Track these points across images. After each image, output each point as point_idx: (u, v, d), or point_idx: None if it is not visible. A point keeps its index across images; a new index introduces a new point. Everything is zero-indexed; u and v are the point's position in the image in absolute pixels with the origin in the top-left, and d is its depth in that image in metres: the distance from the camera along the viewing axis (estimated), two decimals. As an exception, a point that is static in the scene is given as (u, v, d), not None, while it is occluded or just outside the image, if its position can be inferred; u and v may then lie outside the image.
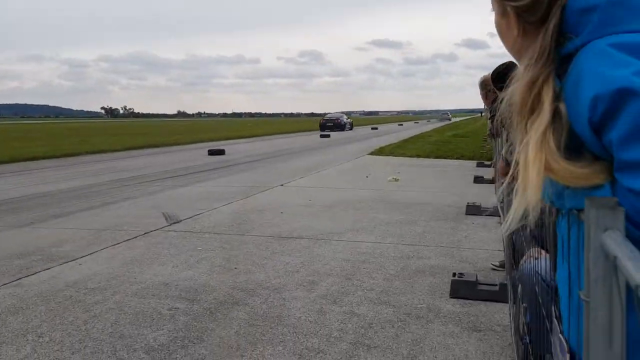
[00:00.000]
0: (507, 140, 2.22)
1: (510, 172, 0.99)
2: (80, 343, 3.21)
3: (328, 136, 32.47)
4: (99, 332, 3.36)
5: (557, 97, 0.90)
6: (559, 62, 0.92)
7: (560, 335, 1.00)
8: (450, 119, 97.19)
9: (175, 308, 3.77)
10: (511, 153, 1.73)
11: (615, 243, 0.60)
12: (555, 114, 0.89)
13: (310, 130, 45.00)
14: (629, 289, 0.65)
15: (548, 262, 2.49)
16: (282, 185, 10.21)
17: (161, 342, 3.21)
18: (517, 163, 0.97)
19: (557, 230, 1.11)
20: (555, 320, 1.10)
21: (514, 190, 0.98)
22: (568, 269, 0.96)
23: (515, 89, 0.96)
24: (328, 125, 42.53)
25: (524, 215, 0.97)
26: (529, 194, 0.91)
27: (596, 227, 0.65)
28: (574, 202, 0.85)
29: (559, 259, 1.09)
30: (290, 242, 5.69)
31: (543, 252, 2.64)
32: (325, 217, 6.97)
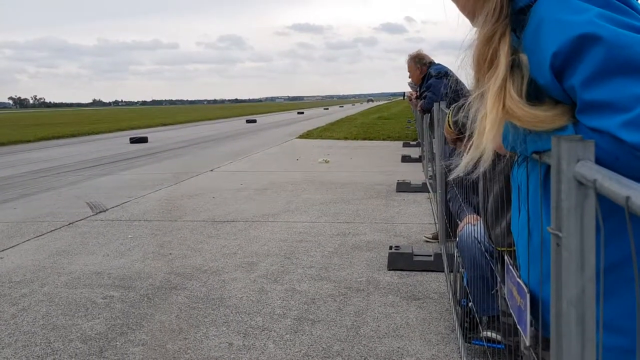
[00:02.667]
0: (455, 108, 2.27)
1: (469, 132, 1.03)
2: (10, 337, 3.02)
3: (254, 121, 32.20)
4: (29, 325, 3.18)
5: (514, 50, 0.94)
6: (514, 16, 0.96)
7: (518, 280, 1.05)
8: (373, 101, 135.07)
9: (110, 296, 3.63)
10: (467, 118, 1.78)
11: (592, 169, 0.63)
12: (514, 64, 0.93)
13: (236, 116, 44.43)
14: (608, 210, 0.69)
15: (483, 227, 2.61)
16: (211, 170, 10.03)
17: (98, 331, 3.08)
18: (475, 119, 1.00)
19: (512, 181, 1.16)
20: (510, 269, 1.15)
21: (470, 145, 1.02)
22: (527, 214, 1.00)
23: (473, 48, 0.99)
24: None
25: (475, 165, 1.01)
26: (483, 143, 0.95)
27: (569, 159, 0.69)
28: (537, 146, 0.89)
29: (513, 208, 1.15)
30: (225, 225, 5.62)
31: (478, 217, 2.76)
32: (259, 200, 6.93)
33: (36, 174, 10.44)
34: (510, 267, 1.18)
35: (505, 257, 1.22)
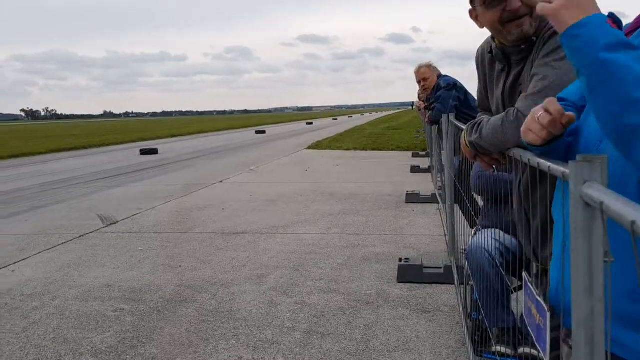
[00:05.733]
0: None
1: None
2: (22, 351, 3.04)
3: (264, 132, 32.31)
4: (40, 339, 3.20)
5: None
6: None
7: (538, 297, 1.05)
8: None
9: (121, 309, 3.65)
10: (480, 138, 1.77)
11: (599, 191, 0.64)
12: None
13: (245, 127, 44.64)
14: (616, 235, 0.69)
15: (495, 237, 2.60)
16: (221, 181, 10.07)
17: (109, 344, 3.09)
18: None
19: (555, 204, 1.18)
20: (529, 287, 1.15)
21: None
22: (563, 230, 1.01)
23: None
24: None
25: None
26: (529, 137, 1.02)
27: (576, 180, 0.69)
28: None
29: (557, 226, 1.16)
30: (235, 237, 5.63)
31: (490, 229, 2.75)
32: (268, 212, 6.94)
33: (47, 186, 10.53)
34: (529, 284, 1.18)
35: (524, 275, 1.22)
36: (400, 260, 4.16)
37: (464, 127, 2.72)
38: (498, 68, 1.95)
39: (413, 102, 12.34)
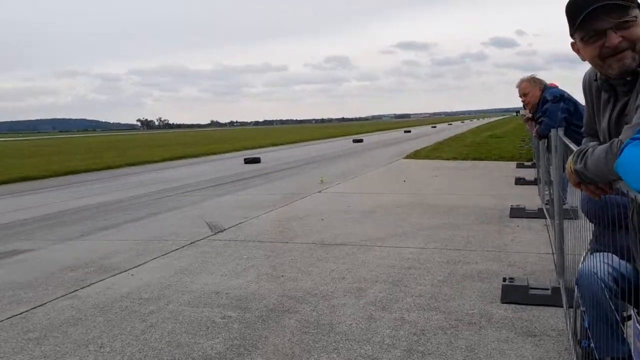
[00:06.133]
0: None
1: None
2: (140, 353, 3.31)
3: (361, 141, 32.45)
4: (157, 342, 3.46)
5: None
6: None
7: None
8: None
9: (228, 316, 3.85)
10: (585, 168, 1.72)
11: None
12: None
13: (342, 136, 45.07)
14: None
15: (608, 262, 2.46)
16: (319, 191, 10.26)
17: (218, 351, 3.28)
18: None
19: None
20: (637, 326, 1.10)
21: None
22: None
23: None
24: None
25: None
26: None
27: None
28: None
29: None
30: (334, 248, 5.73)
31: (602, 253, 2.60)
32: (366, 223, 6.99)
33: (162, 194, 11.31)
34: (638, 324, 1.13)
35: (632, 313, 1.16)
36: (505, 279, 4.02)
37: (572, 145, 2.61)
38: (604, 97, 1.88)
39: (518, 110, 11.83)
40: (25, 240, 7.09)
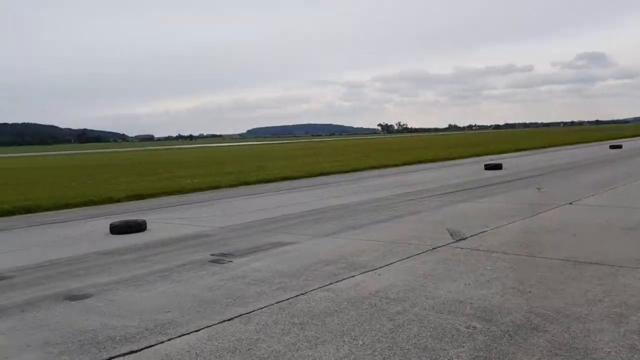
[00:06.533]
0: None
1: None
2: (390, 350, 3.53)
3: (620, 147, 28.79)
4: (404, 342, 3.65)
5: None
6: None
7: None
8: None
9: (473, 327, 3.86)
10: None
11: None
12: None
13: (596, 141, 40.61)
14: None
15: None
16: (570, 203, 9.48)
17: None
18: None
19: None
20: None
21: None
22: None
23: None
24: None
25: None
26: None
27: None
28: None
29: None
30: (588, 267, 5.26)
31: None
32: (627, 242, 6.24)
33: (402, 197, 11.71)
34: None
35: None
36: None
37: None
38: None
39: None
40: (287, 234, 8.05)
